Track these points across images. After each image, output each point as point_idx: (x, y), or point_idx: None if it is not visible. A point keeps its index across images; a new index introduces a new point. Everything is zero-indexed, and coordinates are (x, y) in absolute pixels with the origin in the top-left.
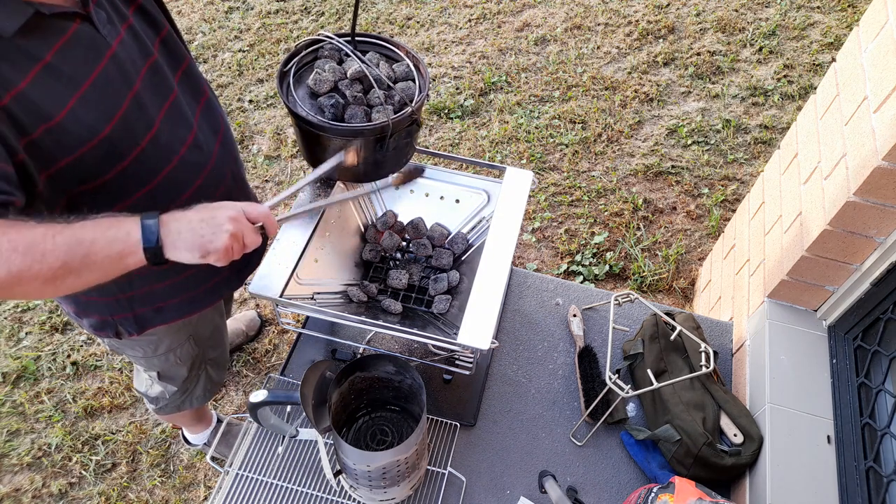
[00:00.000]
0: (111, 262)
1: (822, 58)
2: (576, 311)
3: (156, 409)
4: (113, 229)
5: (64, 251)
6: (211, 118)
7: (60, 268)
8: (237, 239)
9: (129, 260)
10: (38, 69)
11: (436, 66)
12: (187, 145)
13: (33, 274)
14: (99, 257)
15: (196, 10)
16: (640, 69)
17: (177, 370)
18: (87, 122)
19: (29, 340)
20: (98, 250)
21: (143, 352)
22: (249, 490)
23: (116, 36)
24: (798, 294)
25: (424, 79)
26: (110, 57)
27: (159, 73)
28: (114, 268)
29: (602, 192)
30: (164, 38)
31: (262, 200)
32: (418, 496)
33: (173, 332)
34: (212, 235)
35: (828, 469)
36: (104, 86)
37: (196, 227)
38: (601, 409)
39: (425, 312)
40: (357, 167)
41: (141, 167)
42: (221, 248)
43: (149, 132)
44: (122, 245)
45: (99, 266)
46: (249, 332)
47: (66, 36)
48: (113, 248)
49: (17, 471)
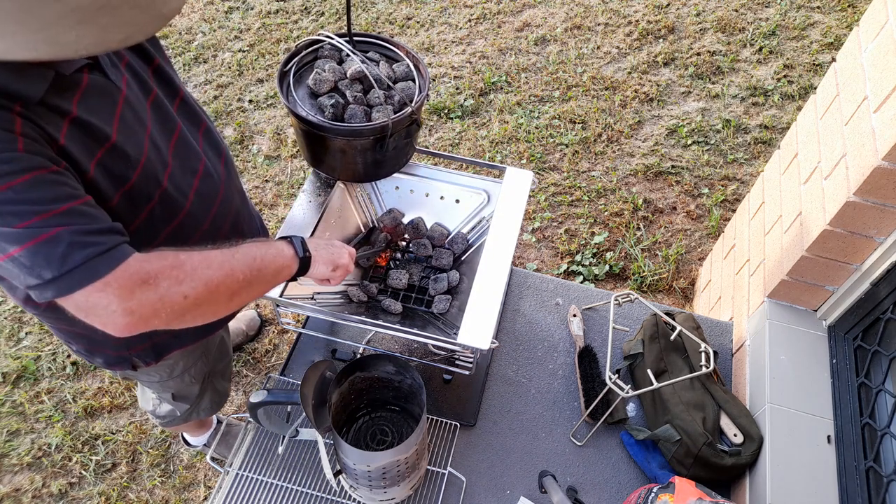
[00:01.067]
0: (273, 275)
1: (822, 58)
2: (576, 311)
3: (163, 424)
4: (270, 248)
5: (246, 266)
6: (213, 143)
7: (243, 281)
8: (351, 261)
9: (285, 273)
10: (67, 124)
11: (436, 66)
12: (199, 176)
13: (225, 288)
14: (268, 272)
15: (196, 10)
16: (640, 69)
17: (191, 389)
18: (116, 173)
19: (29, 340)
20: (266, 265)
21: (158, 377)
22: (249, 490)
23: (122, 77)
24: (798, 294)
25: (424, 79)
26: (123, 101)
27: (162, 107)
28: (276, 279)
29: (602, 192)
30: (156, 69)
31: (262, 201)
32: (418, 496)
33: (188, 353)
34: (338, 255)
35: (828, 469)
36: (126, 132)
37: (326, 247)
38: (601, 409)
39: (425, 312)
40: (357, 167)
41: (165, 207)
42: (345, 264)
43: (166, 170)
44: (282, 260)
45: (266, 279)
46: (249, 331)
47: (81, 88)
48: (276, 263)
49: (17, 471)
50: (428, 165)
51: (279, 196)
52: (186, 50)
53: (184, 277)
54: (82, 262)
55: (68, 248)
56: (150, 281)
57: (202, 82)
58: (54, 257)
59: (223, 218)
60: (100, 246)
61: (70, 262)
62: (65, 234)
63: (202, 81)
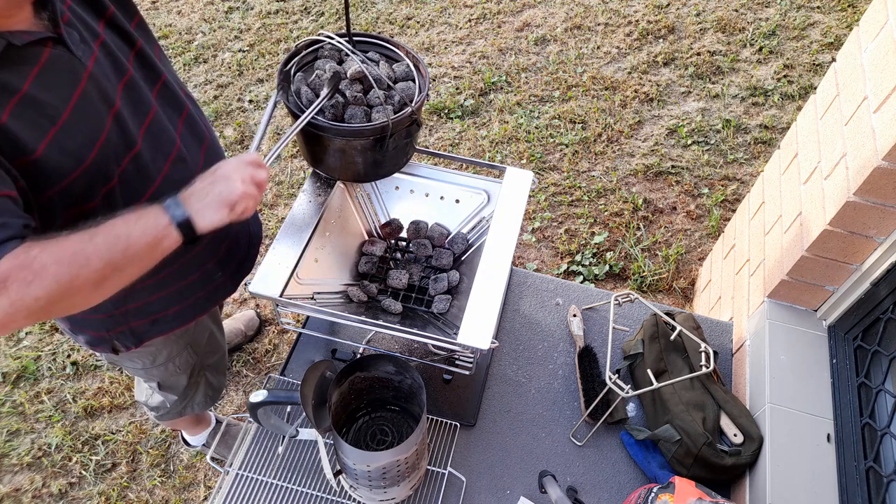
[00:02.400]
0: (149, 249)
1: (822, 58)
2: (576, 311)
3: (156, 417)
4: (142, 219)
5: (105, 250)
6: (194, 130)
7: (105, 267)
8: (248, 182)
9: (166, 243)
10: (14, 101)
11: (436, 66)
12: (170, 160)
13: (82, 280)
14: (138, 248)
15: (196, 10)
16: (640, 69)
17: (177, 379)
18: (70, 152)
19: (29, 340)
20: (135, 241)
21: (141, 363)
22: (249, 490)
23: (91, 55)
24: (798, 294)
25: (424, 79)
26: (88, 78)
27: (136, 89)
28: (152, 255)
29: (602, 192)
30: (138, 52)
31: (262, 201)
32: (418, 496)
33: (171, 342)
34: (227, 188)
35: (828, 469)
36: (85, 110)
37: (210, 189)
38: (601, 409)
39: (425, 312)
40: (357, 167)
41: (126, 187)
42: (241, 194)
43: (130, 151)
44: (154, 230)
45: (139, 257)
46: (248, 332)
47: (40, 63)
48: (148, 236)
49: (17, 471)
50: (428, 165)
51: (279, 196)
52: (186, 50)
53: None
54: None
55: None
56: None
57: (202, 82)
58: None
59: None
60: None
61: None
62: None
63: (202, 81)
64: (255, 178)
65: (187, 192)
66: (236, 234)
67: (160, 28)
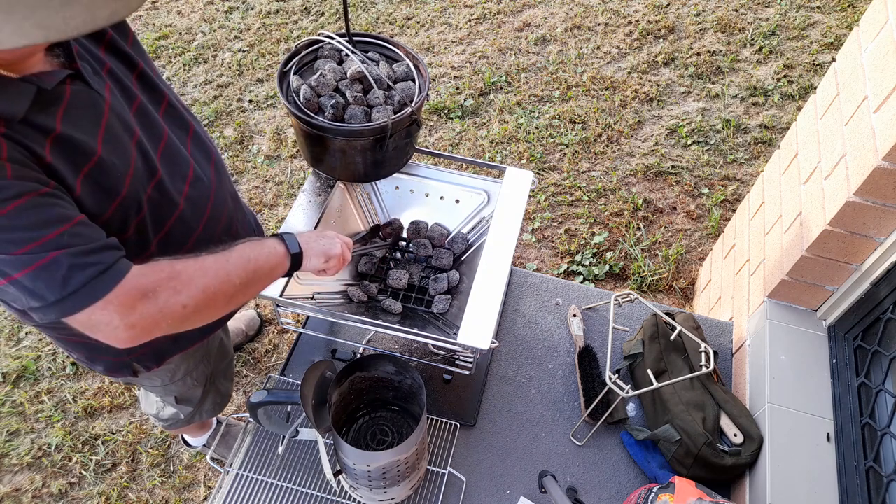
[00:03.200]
0: (267, 274)
1: (822, 58)
2: (576, 311)
3: (166, 426)
4: (263, 248)
5: (241, 269)
6: (202, 147)
7: (240, 284)
8: (346, 250)
9: (278, 270)
10: (50, 141)
11: (436, 66)
12: (189, 181)
13: (222, 293)
14: (262, 272)
15: (196, 10)
16: (640, 69)
17: (194, 392)
18: (106, 188)
19: (29, 340)
20: (261, 266)
21: (160, 381)
22: (249, 490)
23: (105, 85)
24: (798, 294)
25: (424, 79)
26: (109, 110)
27: (148, 115)
28: (268, 280)
29: (602, 192)
30: (139, 74)
31: (262, 201)
32: (418, 496)
33: (189, 356)
34: (330, 246)
35: (828, 469)
36: (113, 143)
37: (317, 240)
38: (601, 409)
39: (425, 312)
40: (357, 167)
41: (153, 214)
42: (338, 254)
43: (153, 178)
44: (275, 259)
45: (261, 279)
46: (249, 331)
47: (64, 102)
48: (270, 263)
49: (17, 471)
50: (428, 165)
51: (279, 196)
52: (186, 50)
53: (181, 288)
54: (83, 284)
55: (69, 270)
56: (149, 294)
57: (202, 82)
58: (55, 281)
59: (216, 221)
60: (99, 266)
61: (71, 284)
62: (63, 258)
63: (202, 81)
64: (345, 255)
65: (299, 234)
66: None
67: (160, 28)
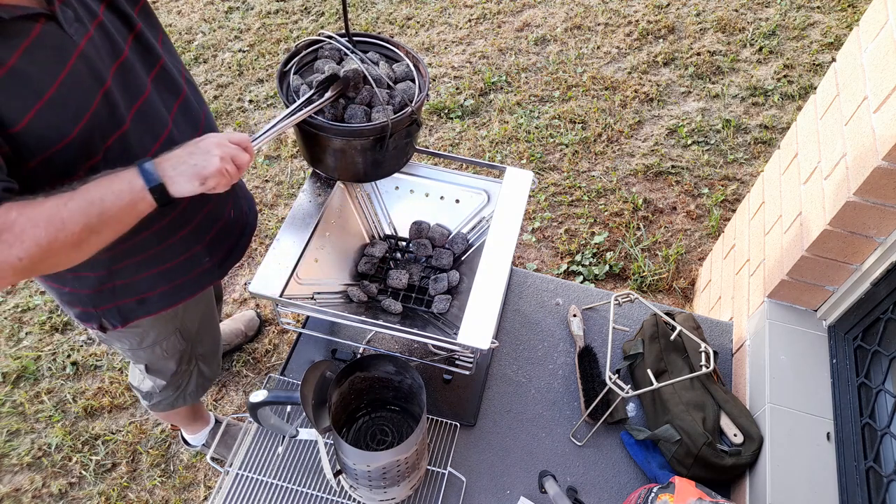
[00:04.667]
0: (124, 212)
1: (822, 58)
2: (576, 311)
3: (150, 406)
4: (116, 183)
5: (80, 214)
6: (189, 113)
7: (82, 230)
8: (227, 160)
9: (140, 206)
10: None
11: (436, 66)
12: (160, 142)
13: (60, 242)
14: (113, 211)
15: (196, 10)
16: (640, 69)
17: (164, 363)
18: (54, 125)
19: (29, 340)
20: (110, 205)
21: (129, 343)
22: (249, 490)
23: (85, 34)
24: (798, 294)
25: (424, 79)
26: (78, 56)
27: (131, 71)
28: (128, 217)
29: (602, 192)
30: (136, 35)
31: (262, 201)
32: (418, 496)
33: (159, 324)
34: (204, 161)
35: (828, 469)
36: (72, 86)
37: (187, 159)
38: (601, 409)
39: (425, 312)
40: (357, 167)
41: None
42: (215, 170)
43: (118, 130)
44: (129, 194)
45: (115, 220)
46: (249, 332)
47: (30, 37)
48: (123, 199)
49: (17, 471)
50: (428, 165)
51: (279, 196)
52: (186, 50)
53: (13, 240)
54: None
55: None
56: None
57: (202, 82)
58: None
59: None
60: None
61: None
62: None
63: (202, 81)
64: (237, 159)
65: (164, 157)
66: (228, 221)
67: None
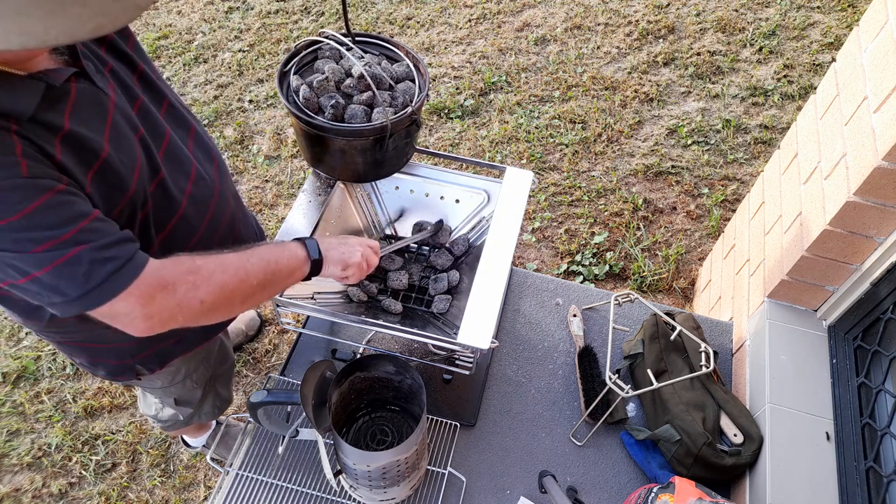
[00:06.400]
0: (288, 276)
1: (822, 58)
2: (576, 311)
3: (164, 428)
4: (284, 251)
5: (260, 270)
6: (203, 147)
7: (258, 284)
8: (364, 259)
9: (297, 275)
10: (59, 139)
11: (436, 66)
12: (192, 180)
13: (240, 292)
14: (281, 275)
15: (196, 10)
16: (640, 69)
17: (193, 394)
18: (115, 184)
19: (29, 340)
20: (280, 268)
21: (160, 383)
22: (249, 490)
23: (108, 84)
24: (798, 294)
25: (424, 79)
26: (114, 108)
27: (149, 114)
28: (288, 281)
29: (602, 192)
30: (140, 74)
31: (262, 201)
32: (418, 496)
33: (190, 358)
34: (350, 253)
35: (828, 469)
36: (119, 140)
37: (338, 247)
38: (601, 409)
39: (425, 312)
40: (357, 167)
41: (158, 212)
42: (356, 263)
43: (157, 176)
44: (295, 262)
45: (279, 282)
46: (249, 331)
47: (71, 99)
48: (291, 265)
49: (17, 471)
50: (428, 165)
51: (279, 196)
52: (186, 50)
53: (200, 283)
54: (104, 279)
55: (90, 266)
56: (168, 287)
57: (202, 82)
58: (77, 276)
59: (218, 221)
60: (118, 260)
61: (93, 279)
62: (83, 254)
63: (202, 81)
64: (369, 259)
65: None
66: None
67: (160, 28)
